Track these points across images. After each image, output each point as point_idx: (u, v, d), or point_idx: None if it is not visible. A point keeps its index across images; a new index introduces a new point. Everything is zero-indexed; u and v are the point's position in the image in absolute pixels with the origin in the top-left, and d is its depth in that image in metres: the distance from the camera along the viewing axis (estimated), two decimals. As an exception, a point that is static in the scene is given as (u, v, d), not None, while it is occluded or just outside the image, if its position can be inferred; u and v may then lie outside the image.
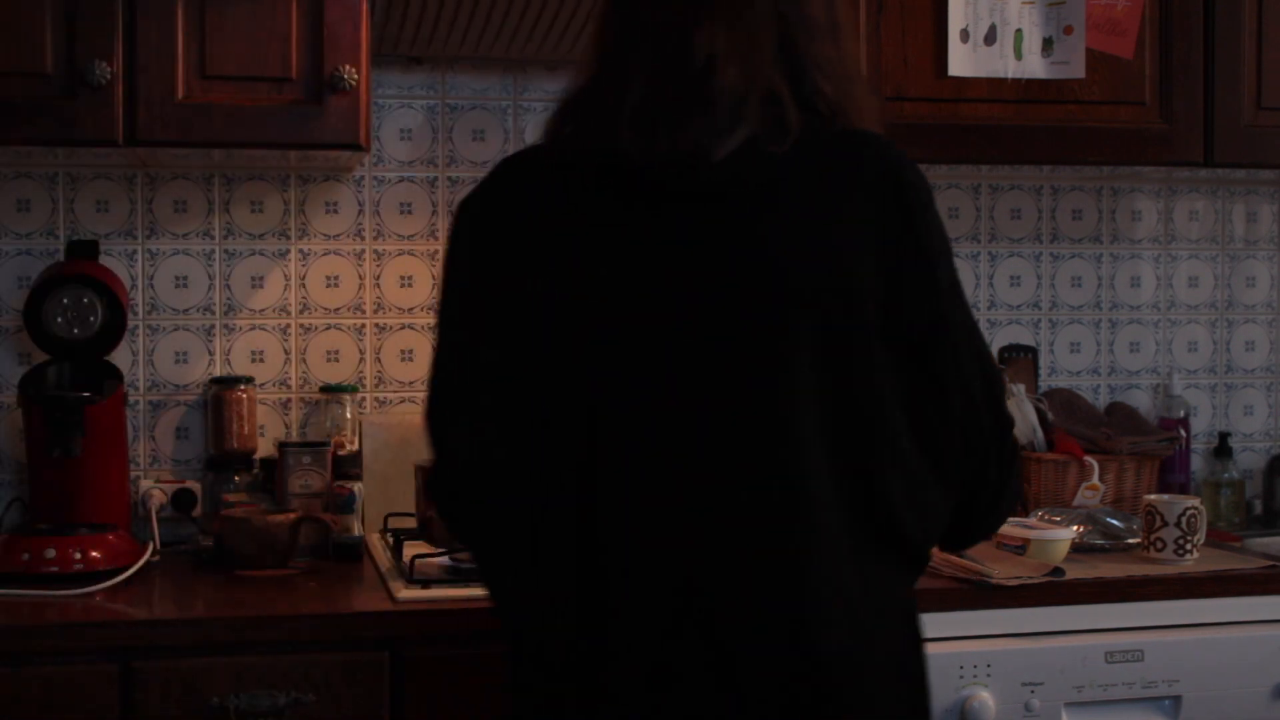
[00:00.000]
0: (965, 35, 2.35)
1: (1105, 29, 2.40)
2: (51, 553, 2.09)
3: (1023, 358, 2.81)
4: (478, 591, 1.98)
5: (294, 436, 2.54)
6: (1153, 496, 2.31)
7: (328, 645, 1.90)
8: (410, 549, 2.18)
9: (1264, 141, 2.50)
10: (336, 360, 2.57)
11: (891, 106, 2.35)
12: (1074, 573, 2.13)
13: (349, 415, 2.50)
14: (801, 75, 1.46)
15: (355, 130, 2.16)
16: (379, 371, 2.59)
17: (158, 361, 2.50)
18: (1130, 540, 2.33)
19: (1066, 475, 2.52)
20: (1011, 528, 2.25)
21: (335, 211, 2.56)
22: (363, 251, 2.57)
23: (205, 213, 2.51)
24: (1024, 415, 2.60)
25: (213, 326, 2.52)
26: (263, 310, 2.54)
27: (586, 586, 1.41)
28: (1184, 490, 2.76)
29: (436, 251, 2.59)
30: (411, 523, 2.29)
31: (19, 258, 2.46)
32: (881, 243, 1.42)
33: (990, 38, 2.36)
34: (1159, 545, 2.24)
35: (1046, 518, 2.34)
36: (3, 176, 2.45)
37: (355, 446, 2.48)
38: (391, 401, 2.59)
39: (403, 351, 2.59)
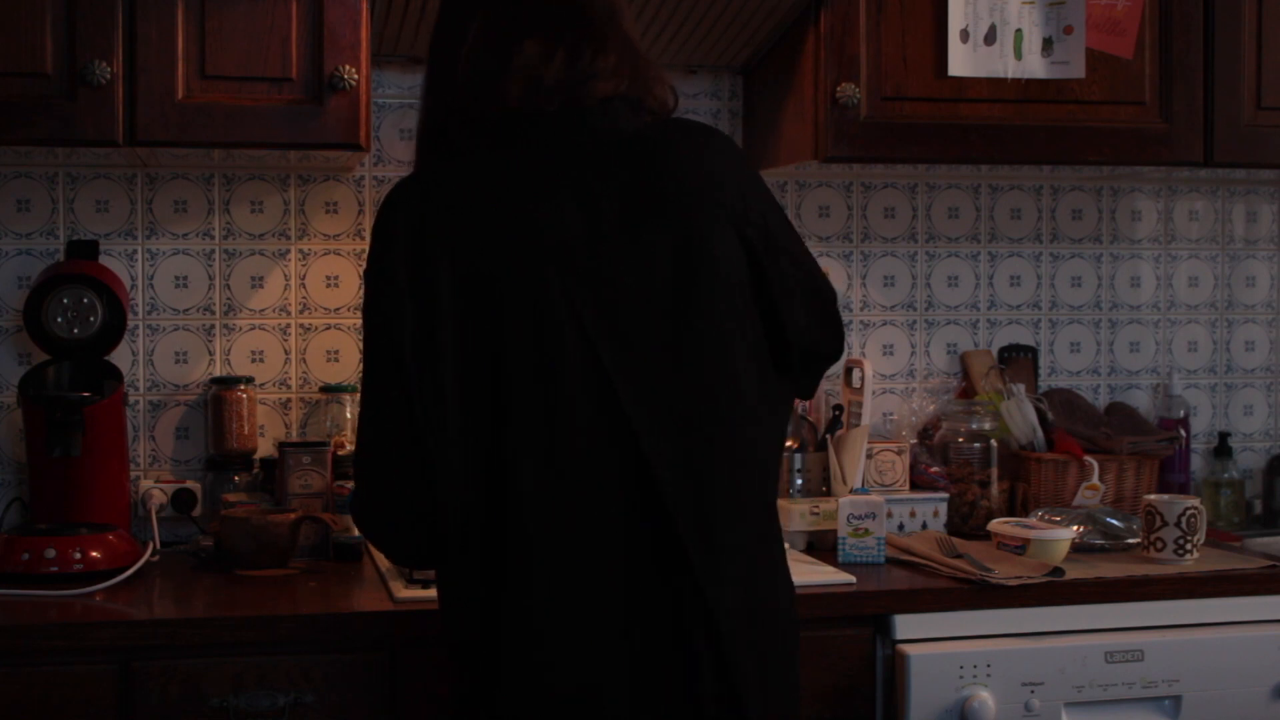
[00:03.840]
0: (965, 35, 2.35)
1: (1105, 29, 2.40)
2: (51, 553, 2.09)
3: (1023, 358, 2.81)
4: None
5: (294, 436, 2.54)
6: (1153, 496, 2.31)
7: (328, 645, 1.90)
8: (410, 549, 2.18)
9: (1264, 141, 2.50)
10: (336, 360, 2.57)
11: (891, 106, 2.35)
12: (1074, 573, 2.13)
13: (349, 415, 2.50)
14: None
15: (355, 130, 2.16)
16: (379, 371, 2.58)
17: (158, 361, 2.50)
18: (1130, 540, 2.33)
19: (1066, 475, 2.52)
20: (1011, 528, 2.25)
21: (335, 211, 2.56)
22: (363, 251, 2.57)
23: (205, 213, 2.51)
24: (1024, 415, 2.60)
25: (213, 326, 2.52)
26: (263, 310, 2.54)
27: None
28: (1184, 490, 2.76)
29: (436, 251, 2.59)
30: (411, 523, 2.28)
31: (19, 258, 2.46)
32: None
33: (990, 38, 2.36)
34: (1159, 545, 2.24)
35: (1046, 518, 2.34)
36: (3, 176, 2.45)
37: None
38: (391, 401, 2.59)
39: (403, 351, 2.59)
